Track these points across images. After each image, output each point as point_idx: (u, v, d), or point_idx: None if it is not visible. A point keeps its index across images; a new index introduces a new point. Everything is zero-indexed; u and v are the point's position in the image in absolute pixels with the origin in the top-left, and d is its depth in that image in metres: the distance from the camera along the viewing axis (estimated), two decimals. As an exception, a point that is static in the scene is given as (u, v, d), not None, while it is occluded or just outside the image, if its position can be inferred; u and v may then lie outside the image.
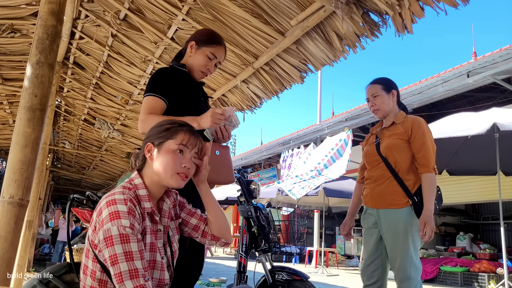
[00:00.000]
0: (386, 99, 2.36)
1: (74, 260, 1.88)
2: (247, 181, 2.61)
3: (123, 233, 1.21)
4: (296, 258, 11.24)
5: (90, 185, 14.80)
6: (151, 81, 1.96)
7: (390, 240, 2.21)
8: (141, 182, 1.38)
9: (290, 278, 2.27)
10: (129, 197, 1.29)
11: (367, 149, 2.46)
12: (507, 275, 5.21)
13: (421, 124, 2.27)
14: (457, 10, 1.96)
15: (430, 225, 2.07)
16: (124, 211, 1.24)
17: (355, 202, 2.59)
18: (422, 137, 2.22)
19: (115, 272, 1.19)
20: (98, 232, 1.24)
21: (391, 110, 2.38)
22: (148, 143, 1.42)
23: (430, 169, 2.18)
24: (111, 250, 1.20)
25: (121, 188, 1.33)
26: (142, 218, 1.31)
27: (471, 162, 6.47)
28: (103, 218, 1.24)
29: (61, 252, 8.37)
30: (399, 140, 2.27)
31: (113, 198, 1.27)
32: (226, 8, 3.00)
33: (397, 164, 2.25)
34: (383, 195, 2.26)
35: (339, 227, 2.62)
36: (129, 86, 5.13)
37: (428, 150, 2.21)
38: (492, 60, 6.66)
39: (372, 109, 2.41)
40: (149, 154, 1.40)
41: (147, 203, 1.35)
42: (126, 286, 1.17)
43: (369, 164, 2.41)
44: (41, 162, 5.03)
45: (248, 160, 15.55)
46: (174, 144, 1.39)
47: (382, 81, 2.42)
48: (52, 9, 1.83)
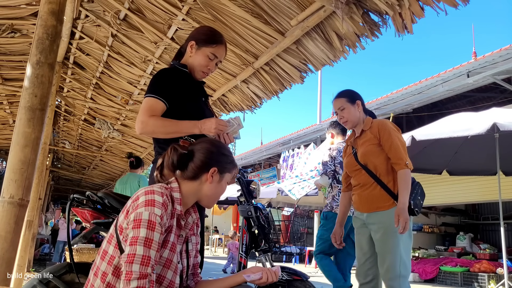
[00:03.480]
0: (352, 110, 2.50)
1: (74, 260, 1.88)
2: (247, 181, 2.61)
3: (152, 220, 1.28)
4: (296, 258, 11.24)
5: (90, 185, 14.79)
6: (152, 82, 1.96)
7: (379, 240, 2.31)
8: (177, 186, 1.45)
9: (290, 278, 2.27)
10: (166, 193, 1.37)
11: (346, 160, 2.59)
12: (507, 275, 5.21)
13: (386, 126, 2.39)
14: (457, 10, 1.97)
15: (403, 216, 2.16)
16: (159, 202, 1.32)
17: (342, 211, 2.71)
18: (389, 137, 2.34)
19: (130, 252, 1.24)
20: (130, 215, 1.31)
21: (358, 119, 2.51)
22: (215, 168, 1.48)
23: (402, 166, 2.28)
24: (136, 232, 1.26)
25: (159, 185, 1.41)
26: (172, 216, 1.38)
27: (471, 162, 6.46)
28: (139, 203, 1.31)
29: (61, 252, 8.38)
30: (371, 145, 2.39)
31: (152, 189, 1.35)
32: (226, 8, 3.00)
33: (377, 169, 2.37)
34: (370, 201, 2.38)
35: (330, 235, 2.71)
36: (129, 86, 5.13)
37: (397, 148, 2.31)
38: (492, 60, 6.65)
39: (342, 121, 2.56)
40: (211, 178, 1.47)
41: (179, 206, 1.42)
42: (133, 267, 1.22)
43: (352, 174, 2.53)
44: (41, 162, 5.03)
45: (248, 160, 15.55)
46: (230, 178, 1.55)
47: (346, 94, 2.55)
48: (52, 9, 1.83)
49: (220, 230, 18.18)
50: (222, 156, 1.51)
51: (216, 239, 16.03)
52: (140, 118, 1.85)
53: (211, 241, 15.96)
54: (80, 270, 1.85)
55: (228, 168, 1.52)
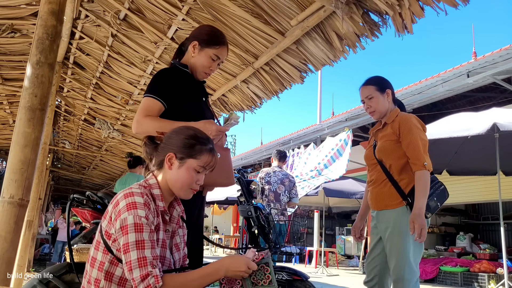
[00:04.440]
0: (381, 99, 2.31)
1: (74, 260, 1.88)
2: (247, 181, 2.61)
3: (138, 222, 1.27)
4: (296, 258, 11.24)
5: (90, 185, 14.80)
6: (152, 82, 1.95)
7: (387, 240, 2.21)
8: (155, 183, 1.44)
9: (290, 278, 2.27)
10: (145, 192, 1.36)
11: (366, 152, 2.46)
12: (507, 275, 5.21)
13: (408, 121, 2.22)
14: (457, 10, 1.96)
15: (418, 223, 2.00)
16: (141, 203, 1.31)
17: (364, 204, 2.57)
18: (408, 134, 2.17)
19: (127, 260, 1.25)
20: (115, 222, 1.30)
21: (387, 110, 2.33)
22: (170, 153, 1.43)
23: (419, 167, 2.12)
24: (125, 239, 1.26)
25: (137, 185, 1.39)
26: (156, 214, 1.37)
27: (471, 162, 6.46)
28: (120, 209, 1.30)
29: (60, 252, 8.37)
30: (388, 141, 2.25)
31: (130, 191, 1.34)
32: (226, 8, 3.00)
33: (390, 166, 2.24)
34: (380, 198, 2.27)
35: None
36: (129, 86, 5.13)
37: (415, 147, 2.14)
38: (492, 60, 6.65)
39: (368, 111, 2.37)
40: (169, 164, 1.43)
41: (161, 202, 1.41)
42: (133, 274, 1.23)
43: (369, 167, 2.43)
44: (41, 162, 5.03)
45: (248, 160, 15.54)
46: (196, 164, 1.43)
47: (375, 81, 2.36)
48: (52, 9, 1.83)
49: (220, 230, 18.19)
50: (181, 141, 1.43)
51: (216, 239, 16.04)
52: (136, 118, 1.85)
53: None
54: (80, 270, 1.85)
55: (189, 154, 1.41)
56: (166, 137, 1.49)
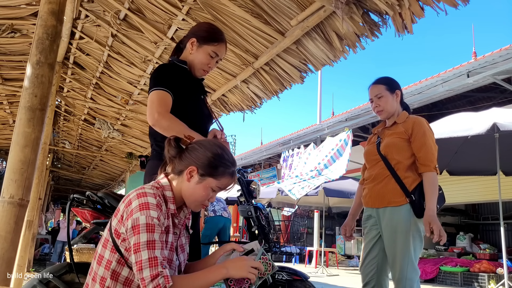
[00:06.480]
0: (390, 99, 2.32)
1: (74, 260, 1.88)
2: (247, 181, 2.61)
3: (150, 223, 1.27)
4: (296, 258, 11.24)
5: (90, 185, 14.80)
6: (155, 76, 1.91)
7: (389, 238, 2.18)
8: (168, 185, 1.43)
9: (290, 278, 2.26)
10: (158, 193, 1.36)
11: (367, 148, 2.44)
12: (507, 275, 5.21)
13: (422, 124, 2.24)
14: (457, 10, 1.97)
15: (435, 224, 2.01)
16: (153, 204, 1.31)
17: (356, 203, 2.56)
18: (422, 136, 2.19)
19: (137, 260, 1.25)
20: (126, 221, 1.30)
21: (395, 110, 2.34)
22: (193, 167, 1.41)
23: (431, 168, 2.14)
24: (137, 238, 1.26)
25: (150, 186, 1.39)
26: (167, 216, 1.38)
27: (471, 162, 6.46)
28: (133, 208, 1.30)
29: (60, 252, 8.38)
30: (398, 139, 2.25)
31: (143, 191, 1.34)
32: (226, 8, 3.00)
33: (396, 163, 2.23)
34: (381, 194, 2.24)
35: (339, 227, 2.61)
36: (129, 86, 5.13)
37: (429, 149, 2.17)
38: (492, 60, 6.65)
39: (376, 110, 2.37)
40: (189, 176, 1.42)
41: (172, 205, 1.41)
42: (143, 273, 1.23)
43: (369, 163, 2.40)
44: (41, 162, 5.03)
45: (248, 160, 15.54)
46: (215, 185, 1.43)
47: (385, 81, 2.37)
48: (52, 9, 1.83)
49: (220, 230, 18.16)
50: (207, 158, 1.41)
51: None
52: (157, 109, 1.77)
53: (211, 241, 15.96)
54: (80, 270, 1.85)
55: (211, 173, 1.41)
56: (193, 147, 1.45)
